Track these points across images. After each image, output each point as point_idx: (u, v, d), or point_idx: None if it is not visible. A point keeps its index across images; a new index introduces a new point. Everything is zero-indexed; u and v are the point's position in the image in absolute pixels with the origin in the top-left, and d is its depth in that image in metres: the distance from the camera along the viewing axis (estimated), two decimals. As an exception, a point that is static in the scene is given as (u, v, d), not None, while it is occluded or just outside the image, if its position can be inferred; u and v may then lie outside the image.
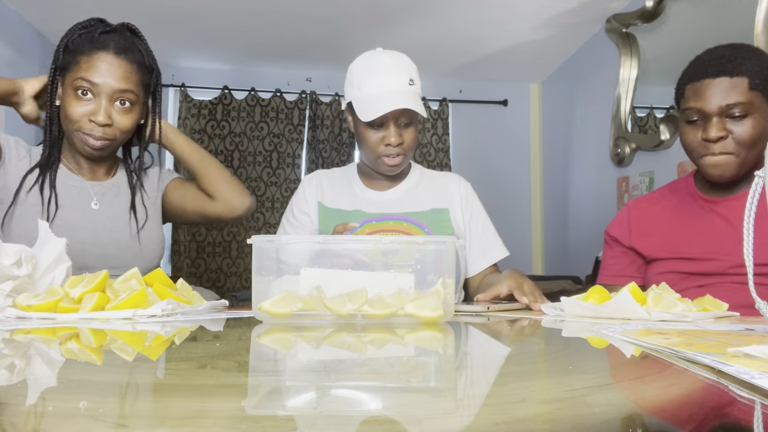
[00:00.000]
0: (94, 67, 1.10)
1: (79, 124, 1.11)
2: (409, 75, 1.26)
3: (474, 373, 0.47)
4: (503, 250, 1.38)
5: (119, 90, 1.12)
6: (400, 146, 1.25)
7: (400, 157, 1.27)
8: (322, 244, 0.79)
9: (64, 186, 1.18)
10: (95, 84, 1.10)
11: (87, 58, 1.11)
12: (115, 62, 1.12)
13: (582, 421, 0.30)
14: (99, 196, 1.21)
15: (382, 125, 1.24)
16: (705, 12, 2.19)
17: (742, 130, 1.07)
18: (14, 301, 0.77)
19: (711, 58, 1.11)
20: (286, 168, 3.55)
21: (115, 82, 1.11)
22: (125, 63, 1.13)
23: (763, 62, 1.08)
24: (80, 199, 1.19)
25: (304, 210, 1.37)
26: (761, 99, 1.08)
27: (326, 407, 0.34)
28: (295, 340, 0.63)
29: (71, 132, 1.13)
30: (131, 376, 0.43)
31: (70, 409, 0.31)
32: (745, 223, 0.62)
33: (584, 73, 3.23)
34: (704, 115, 1.09)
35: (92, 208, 1.19)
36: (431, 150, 3.67)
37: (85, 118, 1.10)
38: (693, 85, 1.12)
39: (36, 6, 2.75)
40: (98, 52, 1.11)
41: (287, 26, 3.00)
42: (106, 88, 1.11)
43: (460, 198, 1.37)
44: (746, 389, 0.36)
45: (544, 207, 3.79)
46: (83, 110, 1.10)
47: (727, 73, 1.07)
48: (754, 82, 1.06)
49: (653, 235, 1.24)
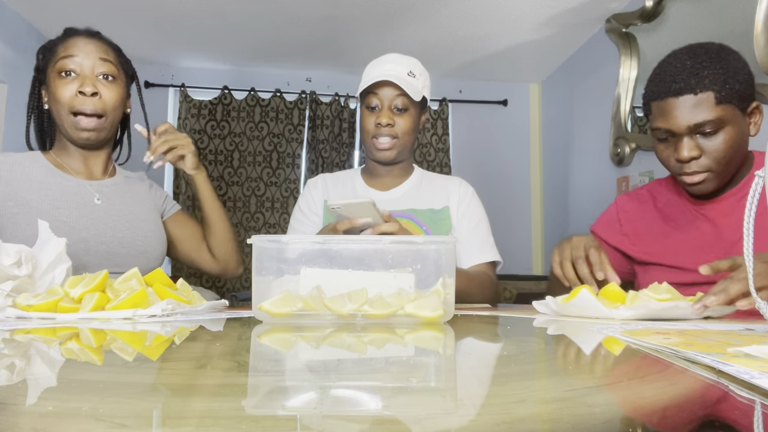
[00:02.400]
0: (71, 47, 1.14)
1: (70, 103, 1.12)
2: (410, 67, 1.31)
3: (474, 372, 0.47)
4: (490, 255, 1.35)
5: (100, 59, 1.15)
6: (390, 128, 1.29)
7: (391, 141, 1.30)
8: (322, 244, 0.79)
9: (61, 187, 1.17)
10: (75, 59, 1.13)
11: (63, 44, 1.15)
12: (90, 41, 1.16)
13: (582, 421, 0.30)
14: (100, 193, 1.21)
15: (376, 108, 1.30)
16: (705, 12, 2.18)
17: (714, 146, 1.02)
18: (14, 301, 0.77)
19: (672, 72, 1.05)
20: (286, 168, 3.55)
21: (94, 53, 1.15)
22: (99, 42, 1.18)
23: (728, 68, 1.02)
24: (79, 197, 1.18)
25: (313, 210, 1.40)
26: (731, 109, 1.02)
27: (326, 407, 0.34)
28: (295, 340, 0.63)
29: (64, 118, 1.14)
30: (131, 376, 0.43)
31: (70, 409, 0.31)
32: (745, 224, 0.62)
33: (584, 73, 3.23)
34: (673, 134, 1.05)
35: (95, 203, 1.19)
36: (431, 150, 3.67)
37: (73, 95, 1.12)
38: (658, 103, 1.06)
39: (36, 6, 2.75)
40: (72, 37, 1.16)
41: (287, 26, 3.00)
42: (87, 61, 1.13)
43: (458, 197, 1.38)
44: (746, 389, 0.36)
45: (544, 207, 3.79)
46: (71, 87, 1.12)
47: (690, 89, 1.01)
48: (721, 95, 1.00)
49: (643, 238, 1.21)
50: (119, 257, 1.16)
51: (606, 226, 1.29)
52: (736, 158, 1.05)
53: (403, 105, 1.29)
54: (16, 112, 2.74)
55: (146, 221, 1.24)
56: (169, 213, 1.34)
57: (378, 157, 1.34)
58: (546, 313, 0.91)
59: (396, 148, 1.31)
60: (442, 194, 1.39)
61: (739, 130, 1.03)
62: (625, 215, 1.27)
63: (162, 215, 1.33)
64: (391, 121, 1.28)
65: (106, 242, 1.15)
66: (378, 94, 1.29)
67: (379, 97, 1.29)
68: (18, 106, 2.75)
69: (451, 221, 1.35)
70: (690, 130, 1.03)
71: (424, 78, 1.34)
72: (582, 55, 3.25)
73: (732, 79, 1.01)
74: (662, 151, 1.10)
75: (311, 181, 1.46)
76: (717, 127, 1.01)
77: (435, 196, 1.38)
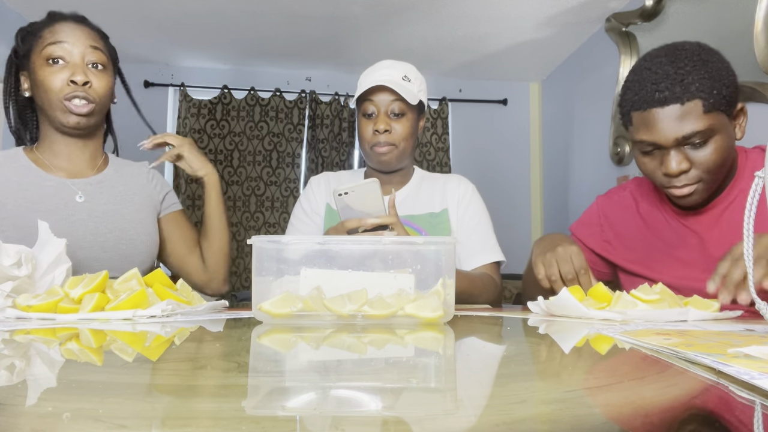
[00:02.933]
0: (59, 32, 1.10)
1: (60, 91, 1.08)
2: (404, 72, 1.30)
3: (474, 373, 0.47)
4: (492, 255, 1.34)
5: (90, 47, 1.11)
6: (387, 134, 1.28)
7: (389, 147, 1.29)
8: (322, 244, 0.79)
9: (39, 188, 1.11)
10: (64, 45, 1.09)
11: (50, 29, 1.10)
12: (77, 27, 1.12)
13: (582, 422, 0.30)
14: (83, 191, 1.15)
15: (372, 115, 1.29)
16: (705, 11, 2.18)
17: (704, 157, 0.96)
18: (14, 301, 0.77)
19: (654, 79, 0.96)
20: (286, 167, 3.55)
21: (84, 40, 1.11)
22: (87, 28, 1.14)
23: (713, 73, 0.94)
24: (59, 198, 1.12)
25: (315, 210, 1.39)
26: (720, 117, 0.95)
27: (326, 408, 0.34)
28: (295, 341, 0.63)
29: (52, 106, 1.09)
30: (131, 376, 0.43)
31: (70, 409, 0.31)
32: (745, 224, 0.62)
33: (584, 73, 3.23)
34: (659, 147, 0.98)
35: (77, 202, 1.13)
36: (431, 149, 3.67)
37: (63, 84, 1.08)
38: (640, 114, 0.98)
39: (36, 6, 2.74)
40: (59, 22, 1.12)
41: (287, 26, 3.00)
42: (76, 48, 1.10)
43: (458, 197, 1.37)
44: (746, 390, 0.36)
45: (544, 205, 3.79)
46: (60, 76, 1.08)
47: (676, 99, 0.93)
48: (709, 102, 0.93)
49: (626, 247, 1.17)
50: (100, 262, 1.10)
51: (587, 229, 1.25)
52: (725, 166, 1.00)
53: (399, 110, 1.28)
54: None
55: (133, 222, 1.18)
56: (167, 210, 1.28)
57: (377, 165, 1.33)
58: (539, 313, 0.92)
59: (394, 154, 1.30)
60: (441, 196, 1.38)
61: (727, 137, 0.97)
62: (606, 220, 1.22)
63: (159, 212, 1.27)
64: (388, 127, 1.27)
65: (85, 247, 1.10)
66: (374, 101, 1.28)
67: (374, 103, 1.28)
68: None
69: (450, 224, 1.34)
70: (678, 142, 0.96)
71: (420, 82, 1.32)
72: (582, 54, 3.25)
73: (718, 83, 0.94)
74: (646, 164, 1.02)
75: (314, 179, 1.45)
76: (706, 138, 0.95)
77: (434, 199, 1.37)
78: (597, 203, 1.27)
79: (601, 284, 0.91)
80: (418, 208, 1.35)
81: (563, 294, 0.84)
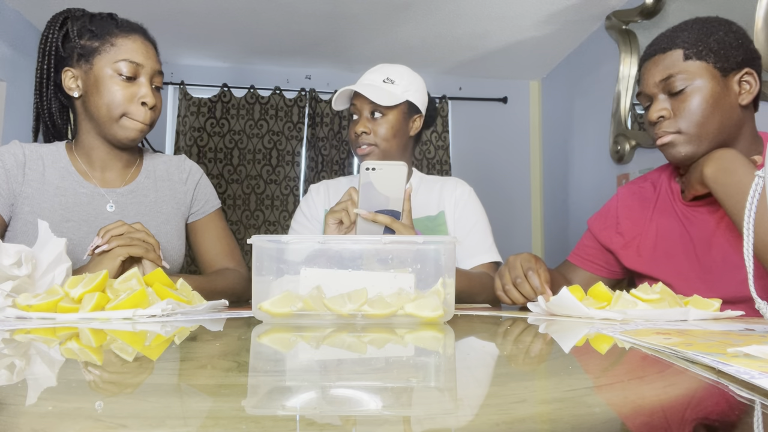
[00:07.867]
0: (135, 50, 1.08)
1: (125, 108, 1.06)
2: (386, 74, 1.33)
3: (474, 373, 0.47)
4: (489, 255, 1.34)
5: (158, 71, 1.11)
6: (366, 135, 1.31)
7: (370, 147, 1.31)
8: (322, 244, 0.79)
9: (75, 195, 1.11)
10: (140, 65, 1.07)
11: (124, 39, 1.08)
12: (149, 47, 1.12)
13: (582, 421, 0.30)
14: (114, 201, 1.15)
15: (354, 117, 1.35)
16: (704, 9, 2.18)
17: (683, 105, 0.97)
18: (14, 301, 0.77)
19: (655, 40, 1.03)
20: (286, 166, 3.55)
21: (154, 63, 1.10)
22: (154, 50, 1.13)
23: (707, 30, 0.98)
24: (92, 207, 1.12)
25: (314, 216, 1.41)
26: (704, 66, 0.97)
27: (326, 407, 0.34)
28: (295, 340, 0.63)
29: (111, 118, 1.07)
30: (131, 376, 0.43)
31: (70, 409, 0.31)
32: (745, 224, 0.62)
33: (584, 71, 3.23)
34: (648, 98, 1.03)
35: (107, 211, 1.12)
36: (431, 147, 3.67)
37: (130, 101, 1.06)
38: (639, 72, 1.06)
39: (36, 5, 2.74)
40: (133, 33, 1.09)
41: (286, 24, 3.00)
42: (148, 69, 1.09)
43: (455, 200, 1.38)
44: (746, 389, 0.36)
45: (544, 204, 3.79)
46: (129, 92, 1.06)
47: (660, 50, 1.00)
48: (690, 51, 0.97)
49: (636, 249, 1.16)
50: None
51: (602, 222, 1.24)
52: (712, 123, 0.97)
53: (379, 112, 1.31)
54: (15, 110, 2.74)
55: (160, 234, 1.16)
56: (199, 215, 1.25)
57: None
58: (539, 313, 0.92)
59: (375, 154, 1.32)
60: (438, 199, 1.39)
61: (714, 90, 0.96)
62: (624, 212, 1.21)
63: (187, 217, 1.24)
64: (366, 128, 1.31)
65: None
66: (356, 104, 1.34)
67: (356, 107, 1.34)
68: (18, 105, 2.75)
69: (447, 227, 1.35)
70: (657, 87, 1.00)
71: (407, 82, 1.33)
72: (582, 52, 3.25)
73: (707, 38, 0.97)
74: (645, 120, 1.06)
75: (314, 186, 1.48)
76: (684, 84, 0.97)
77: (431, 202, 1.38)
78: (617, 195, 1.26)
79: (601, 284, 0.91)
80: (416, 212, 1.35)
81: (563, 293, 0.84)
